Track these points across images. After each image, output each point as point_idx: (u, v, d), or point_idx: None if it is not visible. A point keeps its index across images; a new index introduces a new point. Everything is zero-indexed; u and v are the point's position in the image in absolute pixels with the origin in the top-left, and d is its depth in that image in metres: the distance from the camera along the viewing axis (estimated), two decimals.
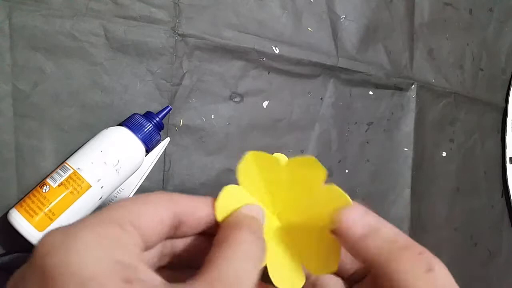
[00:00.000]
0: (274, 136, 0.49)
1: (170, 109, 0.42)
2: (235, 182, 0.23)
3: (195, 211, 0.20)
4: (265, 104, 0.49)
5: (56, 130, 0.39)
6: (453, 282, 0.20)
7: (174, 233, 0.20)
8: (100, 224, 0.17)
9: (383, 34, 0.57)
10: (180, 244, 0.22)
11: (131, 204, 0.18)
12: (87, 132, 0.39)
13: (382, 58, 0.57)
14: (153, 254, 0.21)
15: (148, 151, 0.41)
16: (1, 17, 0.36)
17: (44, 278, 0.15)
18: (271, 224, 0.24)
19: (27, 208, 0.34)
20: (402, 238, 0.21)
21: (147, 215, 0.18)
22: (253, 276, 0.18)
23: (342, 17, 0.54)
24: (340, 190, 0.23)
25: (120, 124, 0.40)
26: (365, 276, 0.24)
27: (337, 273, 0.25)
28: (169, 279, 0.17)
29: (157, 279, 0.16)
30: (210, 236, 0.21)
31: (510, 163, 0.68)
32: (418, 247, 0.20)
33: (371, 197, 0.27)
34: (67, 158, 0.38)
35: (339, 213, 0.21)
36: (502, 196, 0.69)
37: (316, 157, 0.23)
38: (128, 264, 0.16)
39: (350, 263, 0.24)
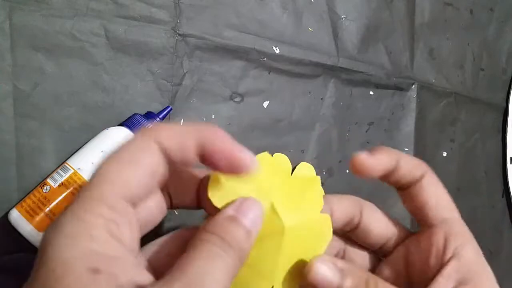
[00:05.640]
0: (274, 136, 0.49)
1: (171, 109, 0.42)
2: None
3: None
4: (265, 104, 0.49)
5: (56, 130, 0.39)
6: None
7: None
8: (85, 208, 0.16)
9: (383, 34, 0.57)
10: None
11: (117, 168, 0.18)
12: (87, 132, 0.39)
13: (382, 58, 0.57)
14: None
15: None
16: (2, 17, 0.36)
17: (37, 268, 0.16)
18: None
19: (28, 208, 0.34)
20: None
21: (135, 180, 0.18)
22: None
23: (343, 17, 0.53)
24: (330, 225, 0.23)
25: (120, 124, 0.40)
26: (393, 250, 0.25)
27: (364, 247, 0.25)
28: None
29: (142, 276, 0.16)
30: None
31: (510, 163, 0.68)
32: None
33: (372, 197, 0.27)
34: (67, 158, 0.38)
35: (309, 265, 0.21)
36: (502, 196, 0.69)
37: (316, 157, 0.23)
38: (103, 254, 0.15)
39: (376, 238, 0.25)
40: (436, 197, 0.24)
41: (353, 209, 0.25)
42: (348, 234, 0.25)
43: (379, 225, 0.25)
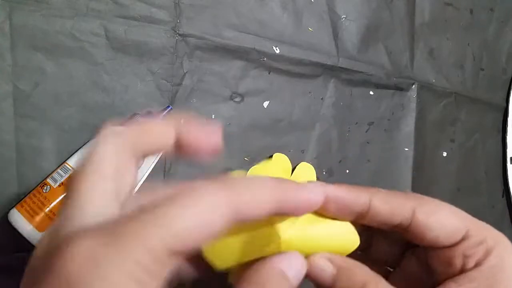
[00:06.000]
0: (274, 136, 0.49)
1: (171, 109, 0.42)
2: None
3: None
4: (265, 104, 0.49)
5: (56, 130, 0.39)
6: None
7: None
8: (133, 253, 0.14)
9: (383, 34, 0.57)
10: None
11: (174, 213, 0.14)
12: (87, 132, 0.39)
13: (382, 58, 0.57)
14: None
15: None
16: (2, 17, 0.36)
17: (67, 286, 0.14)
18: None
19: (28, 208, 0.34)
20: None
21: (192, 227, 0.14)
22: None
23: (343, 17, 0.53)
24: (353, 229, 0.21)
25: None
26: (409, 227, 0.21)
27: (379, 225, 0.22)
28: None
29: None
30: None
31: (511, 163, 0.68)
32: None
33: None
34: (67, 158, 0.38)
35: (309, 259, 0.20)
36: (502, 196, 0.69)
37: (316, 157, 0.22)
38: None
39: (389, 218, 0.21)
40: (445, 223, 0.21)
41: (363, 196, 0.21)
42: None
43: (388, 207, 0.21)
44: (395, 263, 0.24)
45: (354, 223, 0.22)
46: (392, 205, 0.20)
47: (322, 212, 0.21)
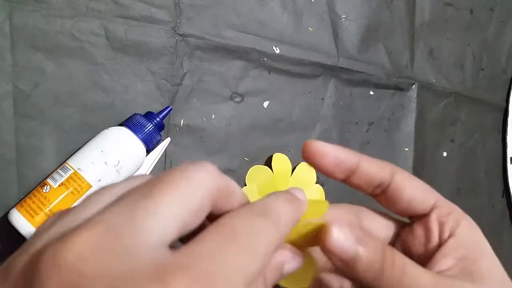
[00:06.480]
0: (274, 136, 0.49)
1: (171, 109, 0.42)
2: (236, 182, 0.23)
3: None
4: (265, 104, 0.49)
5: (56, 130, 0.39)
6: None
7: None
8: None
9: (383, 34, 0.57)
10: None
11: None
12: (87, 132, 0.39)
13: (382, 58, 0.57)
14: None
15: (148, 151, 0.40)
16: (2, 17, 0.36)
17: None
18: None
19: (28, 208, 0.34)
20: None
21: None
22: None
23: (343, 17, 0.53)
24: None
25: (120, 124, 0.40)
26: (393, 245, 0.24)
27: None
28: None
29: None
30: None
31: (511, 163, 0.68)
32: None
33: (371, 198, 0.27)
34: (67, 158, 0.38)
35: (325, 230, 0.19)
36: (503, 196, 0.69)
37: None
38: None
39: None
40: (417, 189, 0.24)
41: (350, 217, 0.24)
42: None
43: (380, 227, 0.24)
44: None
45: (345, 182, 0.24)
46: (376, 166, 0.23)
47: (319, 167, 0.23)
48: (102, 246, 0.13)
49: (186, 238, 0.16)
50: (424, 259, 0.22)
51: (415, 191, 0.23)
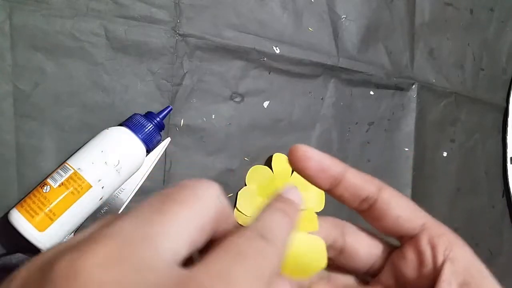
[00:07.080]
0: (274, 136, 0.49)
1: (171, 109, 0.42)
2: (236, 182, 0.23)
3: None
4: (265, 104, 0.49)
5: (56, 130, 0.39)
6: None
7: None
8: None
9: (383, 34, 0.57)
10: None
11: None
12: (87, 132, 0.39)
13: (382, 58, 0.57)
14: None
15: (148, 151, 0.40)
16: (2, 17, 0.36)
17: None
18: None
19: (28, 208, 0.34)
20: None
21: None
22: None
23: (343, 17, 0.53)
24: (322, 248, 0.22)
25: (120, 124, 0.40)
26: (382, 268, 0.23)
27: (350, 270, 0.24)
28: None
29: None
30: None
31: (511, 163, 0.68)
32: None
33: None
34: (67, 158, 0.38)
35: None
36: (503, 196, 0.69)
37: None
38: None
39: (363, 260, 0.23)
40: (405, 207, 0.22)
41: (334, 232, 0.23)
42: (332, 260, 0.24)
43: (365, 246, 0.23)
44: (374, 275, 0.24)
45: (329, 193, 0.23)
46: (362, 180, 0.22)
47: (303, 171, 0.22)
48: (120, 257, 0.13)
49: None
50: (420, 284, 0.22)
51: (403, 209, 0.22)
